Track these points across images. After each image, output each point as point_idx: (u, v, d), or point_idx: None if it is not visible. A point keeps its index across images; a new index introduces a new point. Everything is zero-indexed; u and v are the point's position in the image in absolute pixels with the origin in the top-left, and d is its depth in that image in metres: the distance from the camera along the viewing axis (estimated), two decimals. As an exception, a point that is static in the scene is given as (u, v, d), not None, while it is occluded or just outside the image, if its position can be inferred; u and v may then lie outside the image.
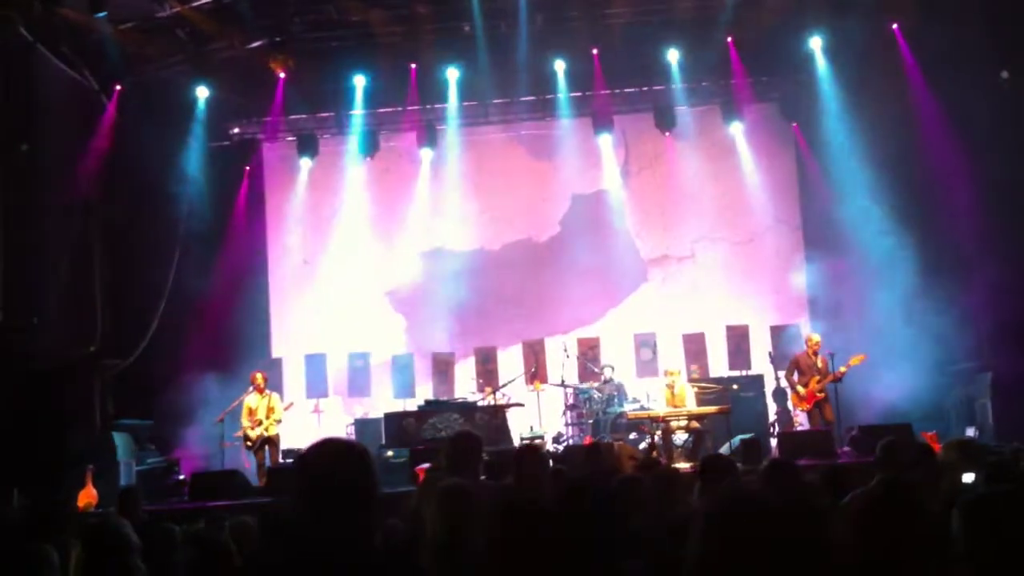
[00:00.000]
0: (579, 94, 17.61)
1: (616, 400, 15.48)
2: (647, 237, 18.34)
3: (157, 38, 15.42)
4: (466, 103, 17.76)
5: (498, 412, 15.05)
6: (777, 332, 16.76)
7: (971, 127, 14.44)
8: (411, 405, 16.21)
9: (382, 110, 17.89)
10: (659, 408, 14.13)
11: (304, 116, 18.16)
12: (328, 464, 3.00)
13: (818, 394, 14.21)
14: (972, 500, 3.19)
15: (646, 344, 17.18)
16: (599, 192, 18.45)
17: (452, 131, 18.13)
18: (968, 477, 5.06)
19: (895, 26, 15.68)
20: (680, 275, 18.21)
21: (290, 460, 14.25)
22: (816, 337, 14.72)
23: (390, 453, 13.23)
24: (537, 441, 14.17)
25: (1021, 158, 13.65)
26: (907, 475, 4.58)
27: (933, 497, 4.30)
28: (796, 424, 15.27)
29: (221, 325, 16.60)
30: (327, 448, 3.07)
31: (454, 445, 6.12)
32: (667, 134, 17.84)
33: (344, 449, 3.08)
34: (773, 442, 14.62)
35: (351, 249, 18.30)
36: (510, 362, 17.32)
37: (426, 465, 10.74)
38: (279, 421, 14.47)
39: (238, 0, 14.90)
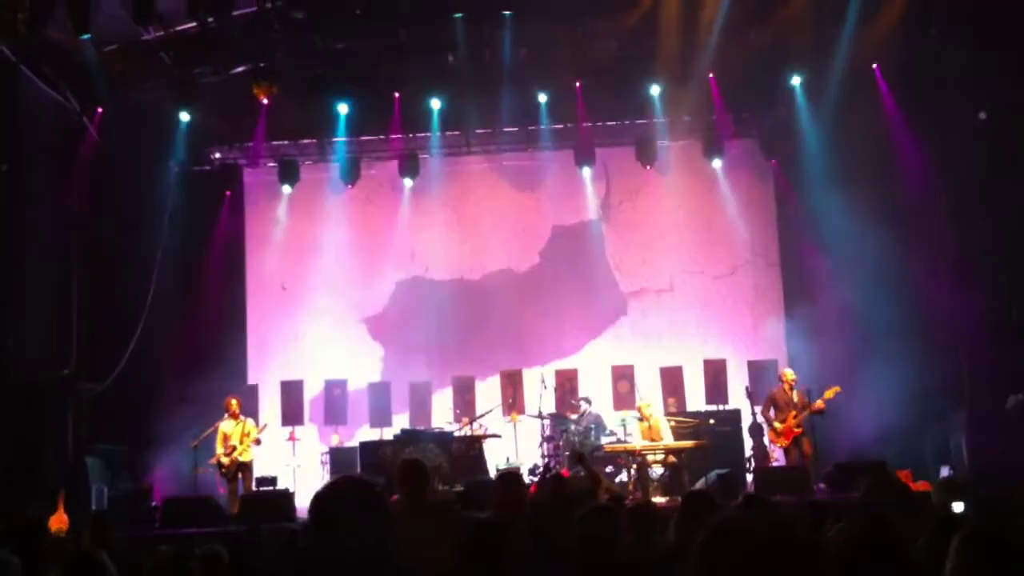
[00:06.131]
0: (561, 126, 17.67)
1: (593, 432, 15.43)
2: (627, 270, 18.38)
3: (141, 61, 15.38)
4: (449, 132, 17.79)
5: (475, 443, 14.98)
6: (754, 367, 16.77)
7: (950, 166, 14.59)
8: (387, 434, 16.14)
9: (364, 138, 17.87)
10: (636, 441, 14.11)
11: (286, 143, 18.16)
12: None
13: (795, 429, 14.26)
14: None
15: (624, 377, 17.15)
16: (580, 224, 18.50)
17: (434, 160, 18.16)
18: (958, 506, 5.07)
19: (875, 66, 15.82)
20: (659, 308, 18.24)
21: (265, 488, 14.17)
22: (791, 373, 14.82)
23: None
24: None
25: (999, 196, 13.78)
26: (889, 513, 4.58)
27: (915, 535, 4.29)
28: (772, 459, 15.28)
29: (198, 350, 16.54)
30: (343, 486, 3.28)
31: (404, 472, 6.24)
32: (648, 168, 17.87)
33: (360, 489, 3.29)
34: (749, 477, 14.64)
35: (330, 276, 18.24)
36: (488, 392, 17.26)
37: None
38: (258, 442, 14.37)
39: (223, 25, 14.90)
